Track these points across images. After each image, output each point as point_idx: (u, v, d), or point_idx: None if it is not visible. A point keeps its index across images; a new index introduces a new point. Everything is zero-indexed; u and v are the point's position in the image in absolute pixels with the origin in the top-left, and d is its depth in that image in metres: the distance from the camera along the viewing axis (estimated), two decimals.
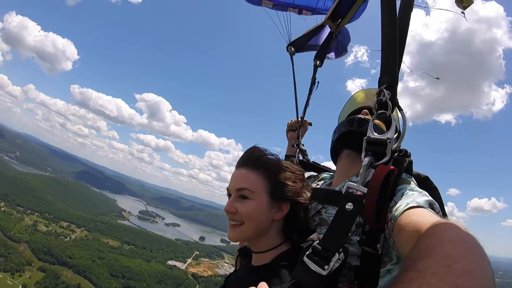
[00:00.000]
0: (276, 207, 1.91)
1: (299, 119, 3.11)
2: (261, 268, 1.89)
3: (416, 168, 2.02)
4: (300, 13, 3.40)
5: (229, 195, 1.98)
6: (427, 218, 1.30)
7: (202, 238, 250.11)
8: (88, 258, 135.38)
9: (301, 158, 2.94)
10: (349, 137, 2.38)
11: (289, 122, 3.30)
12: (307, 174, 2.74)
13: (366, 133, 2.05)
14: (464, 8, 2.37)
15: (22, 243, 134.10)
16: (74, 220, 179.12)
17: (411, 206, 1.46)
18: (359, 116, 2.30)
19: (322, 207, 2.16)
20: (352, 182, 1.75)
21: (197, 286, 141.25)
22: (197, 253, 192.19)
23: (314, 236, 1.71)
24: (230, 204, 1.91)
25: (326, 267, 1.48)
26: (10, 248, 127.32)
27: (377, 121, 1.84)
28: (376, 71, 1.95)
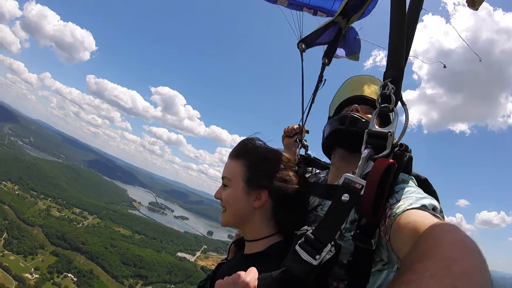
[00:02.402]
0: (254, 195, 1.93)
1: (302, 123, 3.02)
2: (253, 256, 1.92)
3: (428, 176, 2.00)
4: (315, 14, 3.32)
5: None
6: (427, 219, 1.29)
7: (210, 233, 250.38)
8: (101, 245, 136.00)
9: (302, 153, 2.86)
10: (340, 136, 2.38)
11: (286, 128, 3.19)
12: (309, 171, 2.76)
13: (358, 132, 2.08)
14: (476, 9, 2.26)
15: (36, 227, 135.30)
16: (86, 207, 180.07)
17: (414, 207, 1.44)
18: (352, 114, 2.25)
19: (318, 205, 2.16)
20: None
21: None
22: (205, 247, 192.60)
23: (307, 227, 1.69)
24: (217, 191, 2.05)
25: (317, 257, 1.46)
26: (23, 231, 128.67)
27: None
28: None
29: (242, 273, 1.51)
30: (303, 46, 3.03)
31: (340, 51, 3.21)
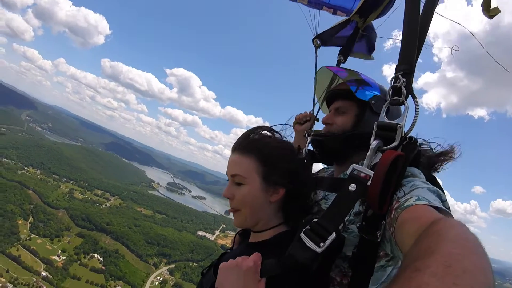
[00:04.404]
0: (272, 189, 1.87)
1: (314, 114, 2.99)
2: (258, 244, 1.89)
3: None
4: (334, 13, 3.35)
5: (228, 180, 1.97)
6: (432, 215, 1.29)
7: (227, 212, 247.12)
8: (125, 225, 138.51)
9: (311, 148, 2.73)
10: (324, 160, 2.56)
11: (297, 115, 3.14)
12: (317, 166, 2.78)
13: (330, 154, 2.33)
14: (491, 17, 2.43)
15: (61, 210, 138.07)
16: (108, 189, 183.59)
17: (422, 202, 1.42)
18: (314, 137, 2.37)
19: (322, 198, 2.17)
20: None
21: None
22: (224, 226, 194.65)
23: (313, 215, 1.72)
24: (226, 190, 1.89)
25: (321, 244, 1.47)
26: (49, 214, 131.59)
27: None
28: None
29: (245, 257, 1.55)
30: (318, 42, 3.06)
31: (357, 48, 3.18)
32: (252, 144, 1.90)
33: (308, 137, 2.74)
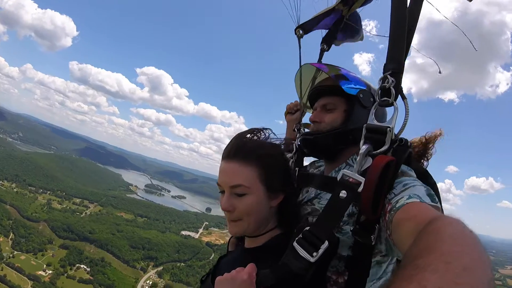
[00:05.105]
0: (273, 195, 1.85)
1: (301, 104, 2.95)
2: (253, 250, 1.89)
3: None
4: None
5: (222, 191, 1.86)
6: (427, 213, 1.28)
7: (208, 209, 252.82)
8: (108, 232, 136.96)
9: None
10: (313, 154, 2.46)
11: (288, 105, 3.19)
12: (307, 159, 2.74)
13: (317, 149, 2.24)
14: (470, 0, 2.38)
15: (41, 222, 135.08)
16: (86, 196, 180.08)
17: (414, 200, 1.41)
18: (302, 137, 2.29)
19: (315, 197, 2.12)
20: (347, 170, 1.68)
21: (213, 253, 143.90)
22: (207, 223, 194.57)
23: (305, 222, 1.69)
24: (226, 202, 1.79)
25: (314, 254, 1.47)
26: (29, 228, 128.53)
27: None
28: (384, 46, 1.89)
29: (240, 269, 1.53)
30: (301, 32, 2.95)
31: (341, 36, 3.13)
32: (251, 151, 1.84)
33: (298, 132, 2.78)
